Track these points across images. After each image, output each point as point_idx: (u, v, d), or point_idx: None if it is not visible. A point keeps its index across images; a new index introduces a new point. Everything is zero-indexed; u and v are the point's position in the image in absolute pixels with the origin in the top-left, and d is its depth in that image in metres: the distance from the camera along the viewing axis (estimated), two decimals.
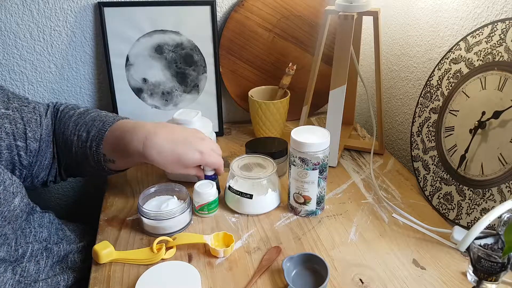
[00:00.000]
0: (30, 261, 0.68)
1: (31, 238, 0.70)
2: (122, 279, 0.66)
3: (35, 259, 0.69)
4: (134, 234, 0.76)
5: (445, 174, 0.80)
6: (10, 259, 0.65)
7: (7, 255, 0.64)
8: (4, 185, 0.62)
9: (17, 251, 0.66)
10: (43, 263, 0.70)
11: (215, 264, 0.69)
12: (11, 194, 0.63)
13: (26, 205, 0.68)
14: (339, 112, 0.91)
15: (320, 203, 0.79)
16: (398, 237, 0.74)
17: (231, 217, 0.80)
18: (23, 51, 1.01)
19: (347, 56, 0.87)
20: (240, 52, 1.07)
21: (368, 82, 1.22)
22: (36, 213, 0.74)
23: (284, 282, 0.64)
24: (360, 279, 0.66)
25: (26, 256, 0.67)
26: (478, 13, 0.82)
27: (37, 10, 0.98)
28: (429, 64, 0.98)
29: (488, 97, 0.73)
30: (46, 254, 0.71)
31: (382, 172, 0.94)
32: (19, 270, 0.66)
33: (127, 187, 0.89)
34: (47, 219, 0.76)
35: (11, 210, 0.63)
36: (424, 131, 0.86)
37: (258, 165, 0.84)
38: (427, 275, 0.66)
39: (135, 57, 1.02)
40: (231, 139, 1.09)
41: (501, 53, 0.71)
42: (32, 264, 0.68)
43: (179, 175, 0.89)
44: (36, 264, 0.69)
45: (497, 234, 0.63)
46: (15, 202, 0.64)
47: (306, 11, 1.06)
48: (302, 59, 1.10)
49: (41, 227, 0.73)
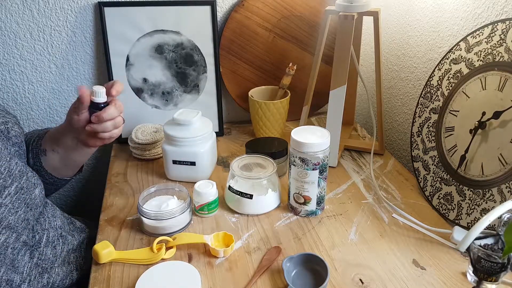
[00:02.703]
0: (48, 246, 0.73)
1: (47, 225, 0.74)
2: (122, 279, 0.66)
3: (52, 244, 0.73)
4: (134, 234, 0.76)
5: (445, 174, 0.80)
6: (30, 243, 0.70)
7: (28, 239, 0.69)
8: (27, 176, 0.70)
9: (34, 237, 0.71)
10: (59, 249, 0.75)
11: (215, 264, 0.69)
12: (33, 184, 0.71)
13: (44, 197, 0.74)
14: (339, 112, 0.91)
15: (320, 203, 0.79)
16: (398, 237, 0.74)
17: (231, 217, 0.80)
18: (23, 50, 1.01)
19: (347, 56, 0.87)
20: (240, 52, 1.07)
21: (368, 82, 1.22)
22: (49, 205, 0.78)
23: (284, 282, 0.64)
24: (360, 279, 0.66)
25: (43, 242, 0.72)
26: (479, 13, 0.82)
27: (37, 10, 0.98)
28: (430, 64, 0.98)
29: (488, 98, 0.73)
30: (62, 241, 0.76)
31: (382, 172, 0.94)
32: (37, 254, 0.70)
33: (127, 187, 0.89)
34: (58, 211, 0.80)
35: (33, 199, 0.70)
36: (424, 131, 0.86)
37: (258, 165, 0.84)
38: (427, 275, 0.66)
39: (136, 57, 1.02)
40: (231, 139, 1.09)
41: (501, 53, 0.71)
42: (49, 249, 0.73)
43: (179, 175, 0.89)
44: (53, 249, 0.73)
45: (497, 235, 0.63)
46: (35, 192, 0.71)
47: (306, 11, 1.06)
48: (302, 59, 1.10)
49: (54, 217, 0.77)
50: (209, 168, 0.90)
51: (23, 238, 0.68)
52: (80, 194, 1.20)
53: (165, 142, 0.88)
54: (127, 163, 0.98)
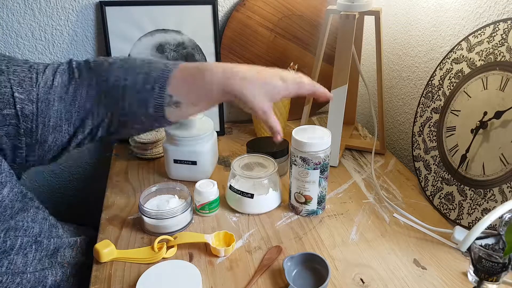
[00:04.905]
0: (18, 254, 0.65)
1: (21, 232, 0.67)
2: (123, 278, 0.66)
3: (23, 251, 0.66)
4: (135, 233, 0.76)
5: (446, 174, 0.80)
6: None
7: None
8: None
9: (5, 243, 0.63)
10: (31, 256, 0.67)
11: (216, 263, 0.69)
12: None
13: (17, 194, 0.65)
14: (341, 111, 0.91)
15: (321, 203, 0.79)
16: (399, 237, 0.74)
17: (232, 217, 0.80)
18: (24, 50, 1.01)
19: (348, 56, 0.87)
20: (241, 52, 1.07)
21: (370, 81, 1.22)
22: (32, 208, 0.71)
23: (285, 281, 0.64)
24: (361, 279, 0.66)
25: (14, 249, 0.64)
26: (480, 13, 0.82)
27: (39, 9, 0.98)
28: (431, 64, 0.98)
29: (489, 97, 0.73)
30: (35, 247, 0.68)
31: (383, 172, 0.94)
32: (6, 263, 0.63)
33: (128, 186, 0.89)
34: (42, 215, 0.73)
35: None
36: (426, 131, 0.86)
37: (259, 164, 0.84)
38: (428, 275, 0.66)
39: (137, 56, 1.02)
40: (232, 138, 1.09)
41: (502, 53, 0.71)
42: (20, 257, 0.65)
43: (180, 175, 0.89)
44: (24, 257, 0.66)
45: (498, 235, 0.63)
46: (3, 193, 0.61)
47: (307, 10, 1.06)
48: (303, 58, 1.10)
49: (34, 222, 0.70)
50: (210, 168, 0.90)
51: None
52: (81, 194, 1.20)
53: (166, 141, 0.88)
54: (128, 162, 0.98)
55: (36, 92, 0.65)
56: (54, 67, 0.68)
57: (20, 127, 0.64)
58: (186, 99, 0.67)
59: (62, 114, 0.67)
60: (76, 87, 0.67)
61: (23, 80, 0.64)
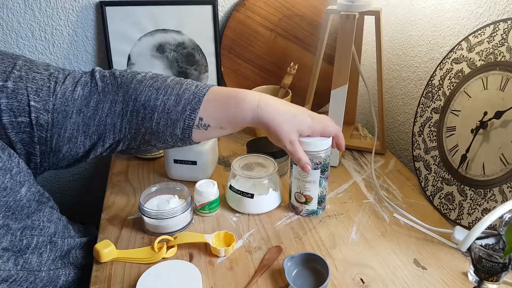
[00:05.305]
0: (34, 253, 0.65)
1: (37, 231, 0.67)
2: (123, 277, 0.66)
3: (38, 251, 0.66)
4: (135, 233, 0.76)
5: (446, 174, 0.80)
6: (14, 249, 0.62)
7: (11, 245, 0.61)
8: (11, 174, 0.59)
9: (21, 241, 0.63)
10: (45, 256, 0.67)
11: (216, 263, 0.69)
12: (18, 183, 0.61)
13: (35, 193, 0.65)
14: (341, 111, 0.91)
15: (321, 203, 0.79)
16: (399, 237, 0.74)
17: (232, 217, 0.80)
18: (24, 50, 1.01)
19: (348, 56, 0.87)
20: (241, 52, 1.07)
21: (370, 81, 1.22)
22: (48, 208, 0.71)
23: (285, 281, 0.64)
24: (361, 279, 0.66)
25: (30, 248, 0.65)
26: (480, 13, 0.82)
27: (39, 9, 0.98)
28: (431, 64, 0.98)
29: (490, 97, 0.73)
30: (50, 247, 0.69)
31: (383, 172, 0.94)
32: (21, 261, 0.63)
33: (128, 186, 0.89)
34: (56, 215, 0.74)
35: (17, 200, 0.61)
36: (426, 131, 0.86)
37: (259, 164, 0.84)
38: (428, 275, 0.66)
39: (137, 56, 1.02)
40: (232, 138, 1.09)
41: (503, 53, 0.71)
42: (35, 256, 0.65)
43: (180, 175, 0.89)
44: (39, 257, 0.66)
45: (498, 235, 0.63)
46: (21, 192, 0.62)
47: (307, 10, 1.06)
48: (303, 58, 1.10)
49: (49, 222, 0.70)
50: (210, 168, 0.90)
51: (4, 245, 0.60)
52: (81, 193, 1.20)
53: None
54: (128, 162, 0.98)
55: (53, 103, 0.64)
56: (76, 77, 0.68)
57: (34, 135, 0.64)
58: (215, 123, 0.69)
59: (79, 126, 0.67)
60: (98, 101, 0.67)
61: (41, 89, 0.63)
